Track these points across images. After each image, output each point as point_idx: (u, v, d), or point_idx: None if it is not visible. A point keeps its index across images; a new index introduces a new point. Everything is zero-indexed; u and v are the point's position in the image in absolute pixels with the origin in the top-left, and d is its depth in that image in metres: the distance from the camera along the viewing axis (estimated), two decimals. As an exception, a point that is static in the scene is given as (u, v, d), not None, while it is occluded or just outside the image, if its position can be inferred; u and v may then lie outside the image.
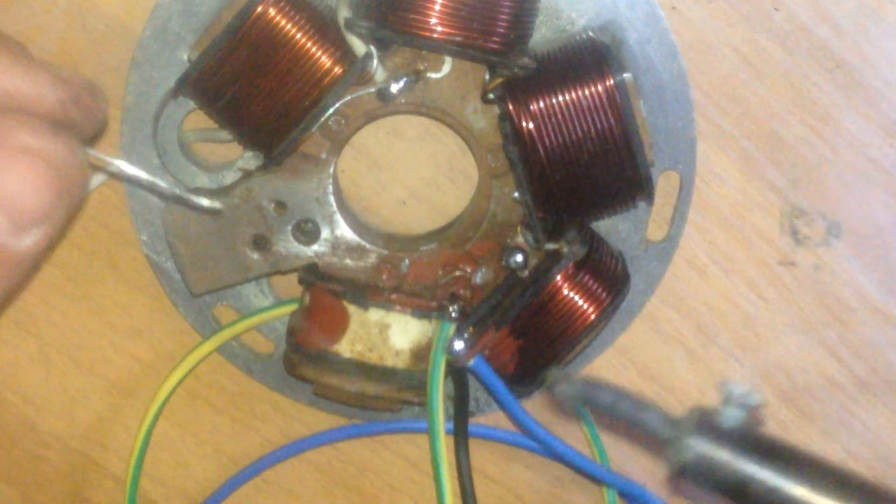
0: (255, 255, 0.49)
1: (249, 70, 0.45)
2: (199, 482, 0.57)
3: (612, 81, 0.44)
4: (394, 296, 0.48)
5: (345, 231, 0.49)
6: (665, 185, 0.49)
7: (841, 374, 0.52)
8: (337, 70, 0.45)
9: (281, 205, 0.49)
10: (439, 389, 0.47)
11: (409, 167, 0.52)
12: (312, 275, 0.49)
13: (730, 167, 0.50)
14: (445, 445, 0.48)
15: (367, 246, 0.50)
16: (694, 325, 0.52)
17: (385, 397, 0.49)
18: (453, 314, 0.49)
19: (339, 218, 0.49)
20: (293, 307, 0.50)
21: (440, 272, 0.50)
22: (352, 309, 0.48)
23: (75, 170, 0.33)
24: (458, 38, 0.43)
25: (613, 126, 0.45)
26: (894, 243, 0.51)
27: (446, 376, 0.48)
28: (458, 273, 0.50)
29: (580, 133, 0.45)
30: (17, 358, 0.55)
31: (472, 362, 0.48)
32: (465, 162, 0.51)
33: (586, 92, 0.45)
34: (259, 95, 0.45)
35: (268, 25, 0.44)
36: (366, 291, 0.48)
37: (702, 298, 0.52)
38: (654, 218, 0.50)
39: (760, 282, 0.51)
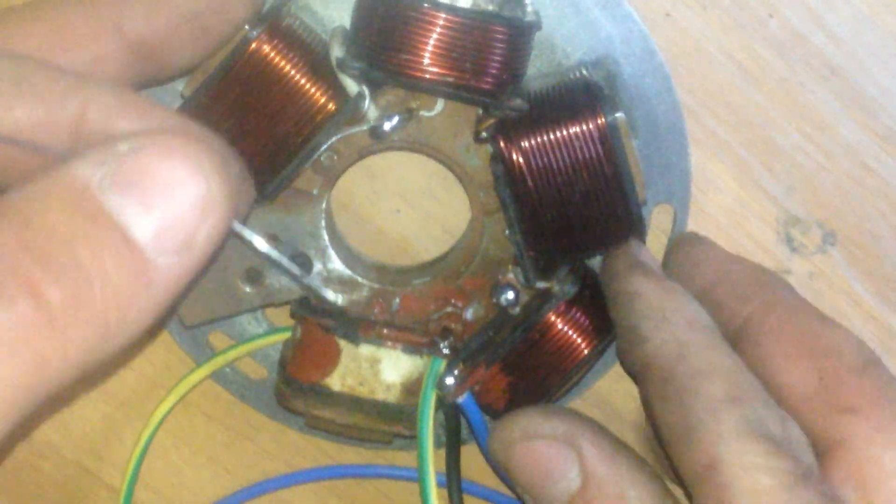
0: (248, 289, 0.49)
1: (242, 107, 0.45)
2: (193, 491, 0.56)
3: (603, 121, 0.44)
4: (385, 331, 0.49)
5: (337, 264, 0.50)
6: (659, 217, 0.50)
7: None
8: (330, 107, 0.45)
9: (274, 238, 0.49)
10: (429, 425, 0.47)
11: (403, 175, 0.51)
12: (304, 308, 0.49)
13: (725, 175, 0.50)
14: (435, 487, 0.47)
15: (359, 279, 0.50)
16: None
17: (376, 430, 0.49)
18: (444, 350, 0.48)
19: (331, 252, 0.50)
20: (286, 335, 0.51)
21: (431, 307, 0.50)
22: (343, 343, 0.48)
23: (227, 205, 0.32)
24: (450, 79, 0.43)
25: (605, 166, 0.44)
26: (890, 252, 0.51)
27: (437, 410, 0.48)
28: (449, 309, 0.50)
29: (572, 173, 0.45)
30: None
31: (462, 399, 0.48)
32: (457, 201, 0.51)
33: (578, 131, 0.44)
34: (252, 132, 0.45)
35: (261, 63, 0.44)
36: (357, 326, 0.48)
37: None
38: (653, 252, 0.50)
39: (756, 290, 0.51)
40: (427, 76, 0.43)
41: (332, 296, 0.48)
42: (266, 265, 0.49)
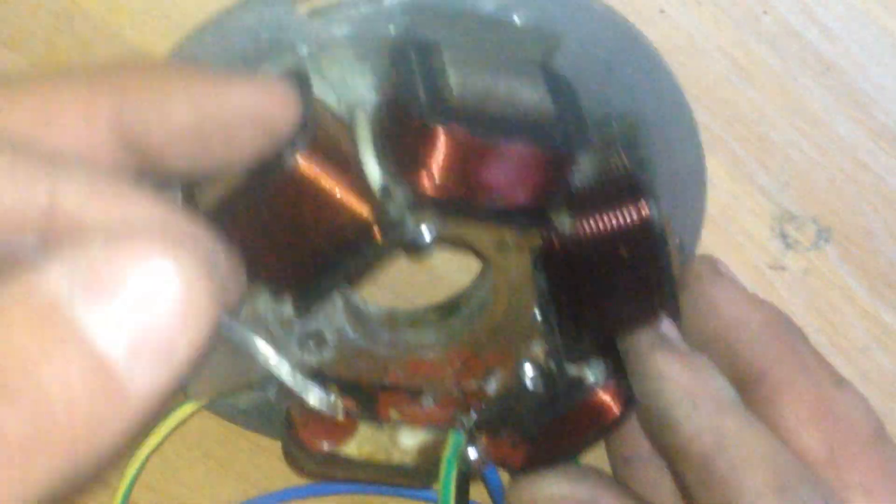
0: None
1: (273, 224, 0.40)
2: (189, 487, 0.56)
3: (648, 220, 0.42)
4: (406, 409, 0.47)
5: (351, 336, 0.47)
6: None
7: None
8: (373, 233, 0.41)
9: (288, 322, 0.45)
10: (452, 500, 0.46)
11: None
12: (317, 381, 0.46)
13: (720, 171, 0.50)
14: None
15: (375, 351, 0.47)
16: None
17: (389, 483, 0.49)
18: (465, 424, 0.47)
19: (347, 328, 0.47)
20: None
21: (450, 373, 0.48)
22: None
23: (210, 308, 0.29)
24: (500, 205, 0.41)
25: (648, 263, 0.43)
26: (883, 247, 0.51)
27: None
28: (470, 382, 0.48)
29: (612, 268, 0.43)
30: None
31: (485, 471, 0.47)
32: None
33: (623, 229, 0.42)
34: (282, 251, 0.41)
35: (300, 183, 0.39)
36: (376, 404, 0.47)
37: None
38: None
39: (750, 286, 0.51)
40: (478, 209, 0.41)
41: (334, 409, 0.45)
42: (278, 343, 0.45)
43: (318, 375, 0.47)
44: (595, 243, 0.43)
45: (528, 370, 0.47)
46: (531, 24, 0.43)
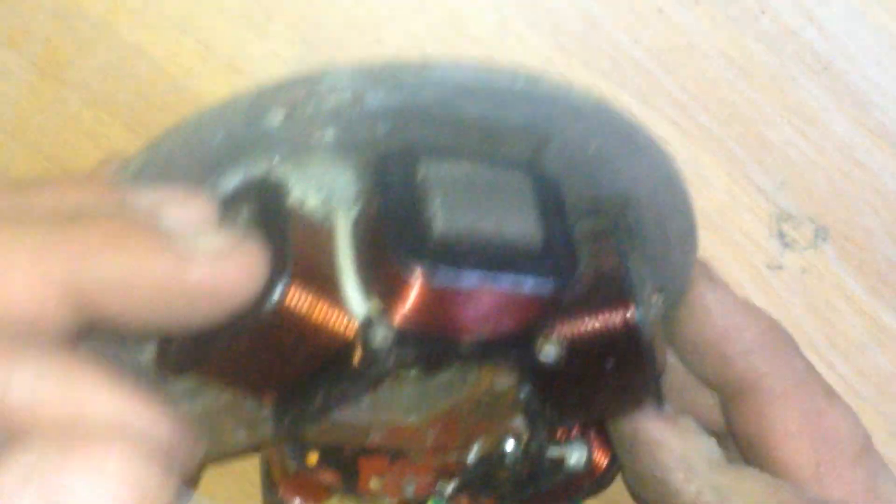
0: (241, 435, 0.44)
1: (244, 359, 0.39)
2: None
3: (635, 325, 0.41)
4: (389, 480, 0.47)
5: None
6: None
7: (829, 377, 0.52)
8: (348, 343, 0.39)
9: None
10: None
11: None
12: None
13: (717, 170, 0.50)
14: None
15: (355, 416, 0.45)
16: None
17: None
18: (446, 493, 0.47)
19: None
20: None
21: (431, 442, 0.46)
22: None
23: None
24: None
25: (635, 362, 0.42)
26: (881, 246, 0.51)
27: None
28: (451, 451, 0.47)
29: (598, 366, 0.42)
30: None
31: None
32: None
33: (609, 333, 0.42)
34: (255, 380, 0.40)
35: (278, 323, 0.38)
36: (357, 479, 0.46)
37: (689, 301, 0.52)
38: None
39: (748, 285, 0.51)
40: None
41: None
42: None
43: (299, 442, 0.46)
44: (579, 354, 0.41)
45: (510, 445, 0.46)
46: (520, 125, 0.41)
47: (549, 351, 0.41)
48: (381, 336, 0.39)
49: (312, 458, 0.46)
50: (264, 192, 0.39)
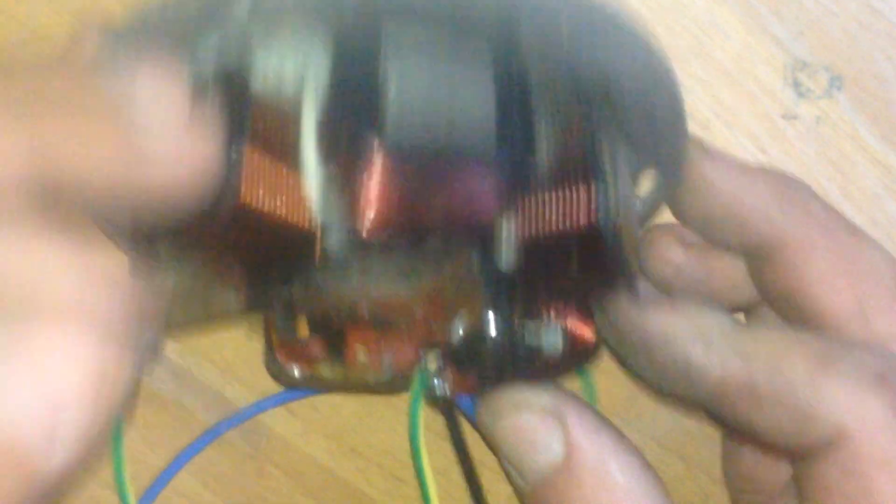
0: (232, 298, 0.45)
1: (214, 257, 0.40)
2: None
3: (594, 216, 0.41)
4: (374, 349, 0.47)
5: (322, 273, 0.45)
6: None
7: (841, 226, 0.53)
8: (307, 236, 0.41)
9: None
10: (422, 441, 0.47)
11: None
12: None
13: (733, 20, 0.50)
14: (436, 488, 0.48)
15: (344, 287, 0.46)
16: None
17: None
18: (431, 364, 0.48)
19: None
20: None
21: (418, 315, 0.47)
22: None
23: (122, 385, 0.29)
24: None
25: (598, 259, 0.41)
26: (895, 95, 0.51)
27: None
28: (437, 321, 0.48)
29: (562, 263, 0.42)
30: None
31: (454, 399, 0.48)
32: None
33: (569, 224, 0.41)
34: (222, 270, 0.42)
35: (237, 219, 0.38)
36: (345, 348, 0.47)
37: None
38: None
39: (762, 135, 0.51)
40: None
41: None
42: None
43: (289, 308, 0.47)
44: (541, 245, 0.42)
45: (492, 319, 0.47)
46: (491, 4, 0.39)
47: (507, 257, 0.42)
48: (335, 242, 0.40)
49: (303, 328, 0.48)
50: (230, 64, 0.39)
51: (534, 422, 0.44)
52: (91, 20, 0.40)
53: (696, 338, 0.42)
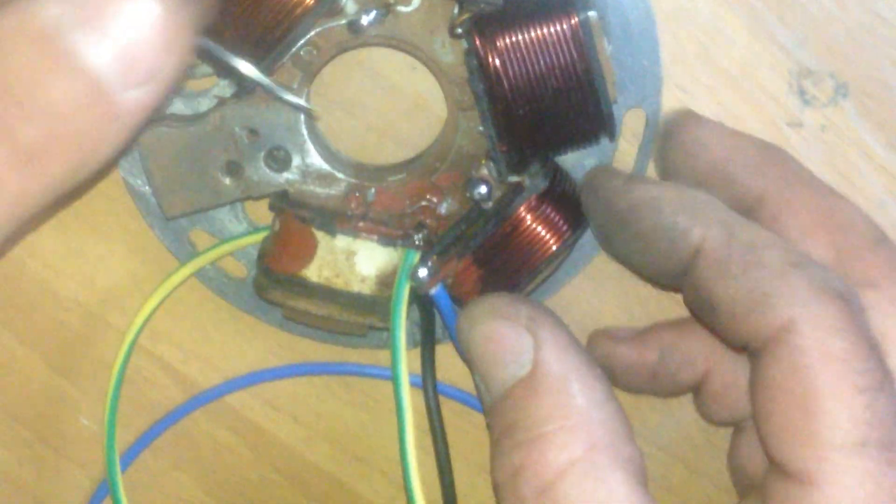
0: (228, 181, 0.51)
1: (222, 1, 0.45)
2: (218, 346, 0.58)
3: (576, 20, 0.45)
4: (361, 223, 0.50)
5: (315, 159, 0.51)
6: (632, 122, 0.50)
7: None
8: (309, 1, 0.46)
9: (253, 132, 0.50)
10: (402, 315, 0.49)
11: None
12: (283, 201, 0.51)
13: (738, 26, 0.50)
14: (408, 380, 0.49)
15: (337, 174, 0.51)
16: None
17: (351, 321, 0.51)
18: (418, 242, 0.50)
19: (309, 146, 0.50)
20: (266, 233, 0.52)
21: (407, 202, 0.51)
22: (320, 235, 0.50)
23: (187, 30, 0.33)
24: None
25: (577, 63, 0.45)
26: (901, 102, 0.51)
27: (411, 304, 0.50)
28: (423, 203, 0.51)
29: (544, 69, 0.45)
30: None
31: (434, 290, 0.49)
32: (433, 97, 0.52)
33: (552, 29, 0.45)
34: (231, 25, 0.45)
35: None
36: (334, 218, 0.50)
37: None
38: (625, 156, 0.51)
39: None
40: None
41: (296, 100, 0.49)
42: (245, 158, 0.50)
43: (283, 195, 0.51)
44: (524, 49, 0.45)
45: (479, 189, 0.49)
46: None
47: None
48: None
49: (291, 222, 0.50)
50: None
51: (507, 332, 0.45)
52: None
53: (684, 207, 0.44)
